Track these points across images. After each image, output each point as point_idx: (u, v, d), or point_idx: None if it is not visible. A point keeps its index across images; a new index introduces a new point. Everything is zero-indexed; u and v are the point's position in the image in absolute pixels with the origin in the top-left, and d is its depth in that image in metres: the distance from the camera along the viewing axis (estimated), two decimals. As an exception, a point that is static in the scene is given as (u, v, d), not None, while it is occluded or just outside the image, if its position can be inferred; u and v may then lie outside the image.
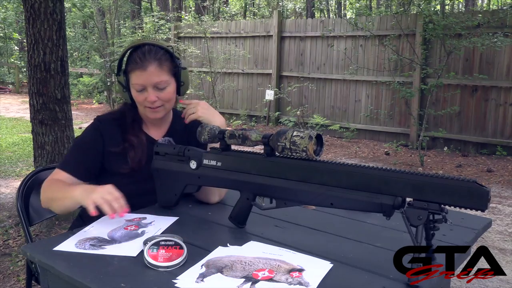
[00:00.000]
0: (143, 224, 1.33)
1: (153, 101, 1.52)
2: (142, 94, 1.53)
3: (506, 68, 6.34)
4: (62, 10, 3.38)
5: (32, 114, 3.41)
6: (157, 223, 1.34)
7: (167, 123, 1.69)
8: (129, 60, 1.54)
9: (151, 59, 1.51)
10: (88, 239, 1.22)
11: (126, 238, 1.23)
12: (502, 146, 6.35)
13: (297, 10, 19.88)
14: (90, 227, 1.31)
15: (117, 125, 1.59)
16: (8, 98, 13.36)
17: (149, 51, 1.52)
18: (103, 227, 1.30)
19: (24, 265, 2.81)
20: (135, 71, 1.51)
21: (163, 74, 1.52)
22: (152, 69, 1.50)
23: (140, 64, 1.50)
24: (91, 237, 1.24)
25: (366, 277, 1.05)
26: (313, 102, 8.29)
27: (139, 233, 1.27)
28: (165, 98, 1.54)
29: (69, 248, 1.17)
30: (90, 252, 1.15)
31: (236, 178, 1.30)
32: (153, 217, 1.39)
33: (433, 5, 7.25)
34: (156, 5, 16.63)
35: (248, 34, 9.09)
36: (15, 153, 6.24)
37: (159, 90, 1.53)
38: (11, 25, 18.75)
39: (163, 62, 1.53)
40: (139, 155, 1.56)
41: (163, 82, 1.52)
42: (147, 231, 1.28)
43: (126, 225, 1.32)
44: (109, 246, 1.18)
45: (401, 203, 1.06)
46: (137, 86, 1.52)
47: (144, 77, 1.50)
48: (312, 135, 1.15)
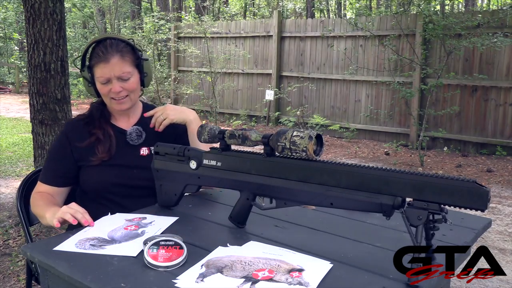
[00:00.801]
0: (143, 224, 1.33)
1: (117, 92, 1.56)
2: (106, 86, 1.57)
3: (506, 68, 6.34)
4: (62, 10, 3.38)
5: (32, 114, 3.41)
6: (157, 223, 1.34)
7: (136, 114, 1.72)
8: (92, 55, 1.58)
9: (113, 52, 1.55)
10: (88, 239, 1.22)
11: (126, 238, 1.23)
12: (502, 146, 6.35)
13: (297, 10, 19.88)
14: (89, 227, 1.31)
15: (85, 124, 1.65)
16: (8, 98, 13.36)
17: (111, 44, 1.57)
18: (103, 227, 1.30)
19: (24, 265, 2.81)
20: (99, 64, 1.55)
21: (126, 66, 1.57)
22: (114, 61, 1.55)
23: (103, 57, 1.54)
24: (91, 237, 1.24)
25: (366, 277, 1.05)
26: (313, 102, 8.29)
27: (139, 233, 1.27)
28: (130, 89, 1.59)
29: (69, 248, 1.17)
30: (90, 252, 1.15)
31: (236, 178, 1.30)
32: (153, 217, 1.39)
33: (433, 5, 7.26)
34: (156, 5, 16.64)
35: (248, 34, 9.09)
36: (15, 153, 6.24)
37: (123, 81, 1.57)
38: (11, 25, 18.75)
39: (125, 54, 1.58)
40: (107, 145, 1.61)
41: (126, 73, 1.57)
42: (147, 231, 1.28)
43: (126, 225, 1.32)
44: (109, 246, 1.18)
45: (401, 203, 1.06)
46: (102, 79, 1.56)
47: (108, 69, 1.54)
48: (312, 135, 1.15)
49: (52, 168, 1.64)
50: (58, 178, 1.62)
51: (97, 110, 1.67)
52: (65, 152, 1.62)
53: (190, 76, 9.54)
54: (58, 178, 1.62)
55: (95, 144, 1.61)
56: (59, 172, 1.62)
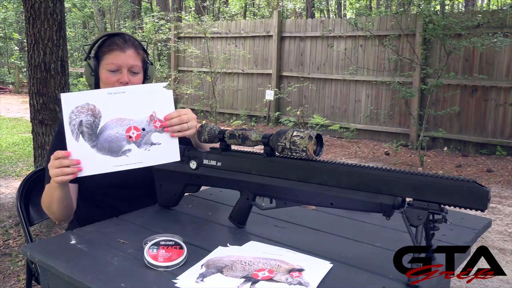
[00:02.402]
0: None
1: (125, 82, 1.55)
2: (115, 75, 1.55)
3: (506, 68, 6.34)
4: (62, 10, 3.38)
5: (32, 114, 3.41)
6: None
7: None
8: (105, 44, 1.58)
9: (129, 45, 1.58)
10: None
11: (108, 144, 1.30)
12: (502, 146, 6.35)
13: (297, 10, 19.87)
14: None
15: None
16: (8, 98, 13.36)
17: (129, 38, 1.60)
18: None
19: (24, 265, 2.81)
20: (114, 51, 1.55)
21: (138, 61, 1.59)
22: (130, 53, 1.57)
23: (121, 46, 1.55)
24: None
25: (366, 277, 1.05)
26: (313, 102, 8.29)
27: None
28: (135, 83, 1.58)
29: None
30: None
31: (236, 178, 1.30)
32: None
33: (433, 5, 7.26)
34: (156, 5, 16.63)
35: (248, 34, 9.09)
36: (15, 153, 6.24)
37: (132, 74, 1.57)
38: (11, 25, 18.76)
39: (139, 51, 1.60)
40: None
41: (137, 67, 1.58)
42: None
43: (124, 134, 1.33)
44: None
45: (401, 203, 1.06)
46: (112, 66, 1.55)
47: (123, 58, 1.55)
48: (312, 135, 1.15)
49: None
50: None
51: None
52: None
53: (190, 76, 9.53)
54: None
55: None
56: None
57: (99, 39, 1.62)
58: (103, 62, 1.57)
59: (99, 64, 1.58)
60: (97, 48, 1.60)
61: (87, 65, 1.59)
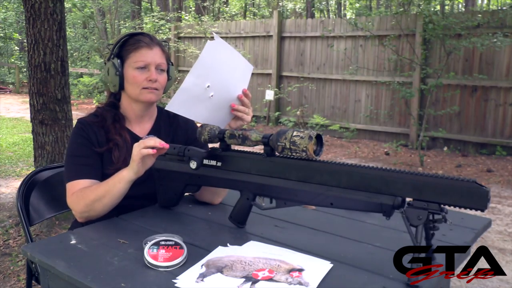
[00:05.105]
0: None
1: (154, 79, 1.54)
2: (142, 73, 1.53)
3: (506, 68, 6.34)
4: (62, 10, 3.38)
5: (32, 114, 3.41)
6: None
7: (151, 120, 1.67)
8: (130, 42, 1.56)
9: (156, 43, 1.59)
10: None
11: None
12: (501, 146, 6.35)
13: (297, 10, 19.87)
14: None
15: (100, 127, 1.56)
16: (9, 98, 13.37)
17: (154, 37, 1.61)
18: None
19: (24, 265, 2.81)
20: (141, 49, 1.54)
21: (164, 59, 1.59)
22: (157, 51, 1.57)
23: (148, 44, 1.55)
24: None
25: (366, 277, 1.05)
26: (313, 102, 8.29)
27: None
28: (162, 82, 1.58)
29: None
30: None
31: (236, 178, 1.30)
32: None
33: (433, 5, 7.25)
34: (156, 5, 16.63)
35: (248, 34, 9.09)
36: (15, 153, 6.24)
37: (159, 72, 1.56)
38: (12, 25, 18.76)
39: (164, 50, 1.61)
40: (124, 154, 1.52)
41: (164, 65, 1.58)
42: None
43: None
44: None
45: (401, 203, 1.06)
46: (141, 63, 1.53)
47: (151, 55, 1.54)
48: (312, 135, 1.15)
49: (86, 164, 1.50)
50: (93, 171, 1.49)
51: (109, 114, 1.58)
52: (91, 150, 1.52)
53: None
54: (93, 171, 1.49)
55: (112, 151, 1.52)
56: (96, 165, 1.51)
57: (122, 38, 1.58)
58: (129, 60, 1.54)
59: (122, 64, 1.55)
60: (119, 48, 1.56)
61: (112, 65, 1.54)
